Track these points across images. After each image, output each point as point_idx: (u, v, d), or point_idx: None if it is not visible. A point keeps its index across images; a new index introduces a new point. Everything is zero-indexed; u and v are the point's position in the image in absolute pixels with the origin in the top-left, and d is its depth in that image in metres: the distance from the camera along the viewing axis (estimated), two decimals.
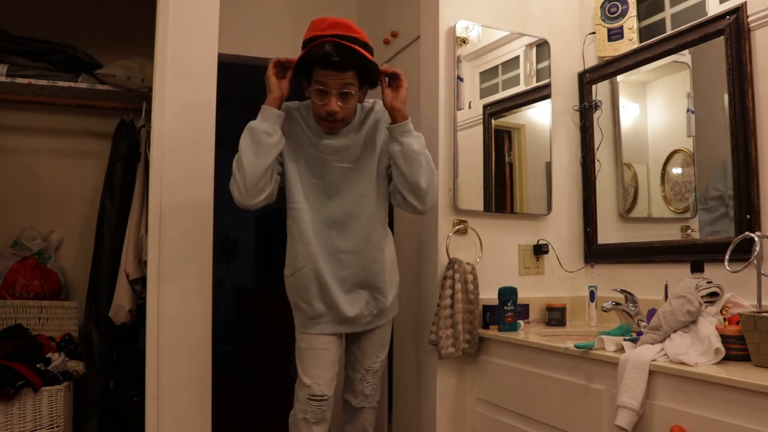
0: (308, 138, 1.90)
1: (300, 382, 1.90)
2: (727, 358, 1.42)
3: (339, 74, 1.73)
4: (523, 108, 2.41)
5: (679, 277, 1.73)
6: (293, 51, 1.86)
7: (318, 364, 1.88)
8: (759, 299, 1.56)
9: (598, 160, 2.40)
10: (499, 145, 2.34)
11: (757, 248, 1.59)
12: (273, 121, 1.78)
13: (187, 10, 2.13)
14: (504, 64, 2.38)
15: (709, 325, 1.48)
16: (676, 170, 2.12)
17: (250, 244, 6.98)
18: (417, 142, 1.83)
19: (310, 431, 1.85)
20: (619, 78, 2.33)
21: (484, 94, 2.32)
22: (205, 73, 2.15)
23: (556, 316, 2.22)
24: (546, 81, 2.42)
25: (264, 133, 1.76)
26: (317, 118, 1.84)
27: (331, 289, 1.88)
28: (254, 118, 1.83)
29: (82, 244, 3.01)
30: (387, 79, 1.85)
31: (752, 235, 1.63)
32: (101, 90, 2.80)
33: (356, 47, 1.72)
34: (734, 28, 1.85)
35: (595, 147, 2.40)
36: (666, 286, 1.91)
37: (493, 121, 2.33)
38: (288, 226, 1.93)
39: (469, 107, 2.27)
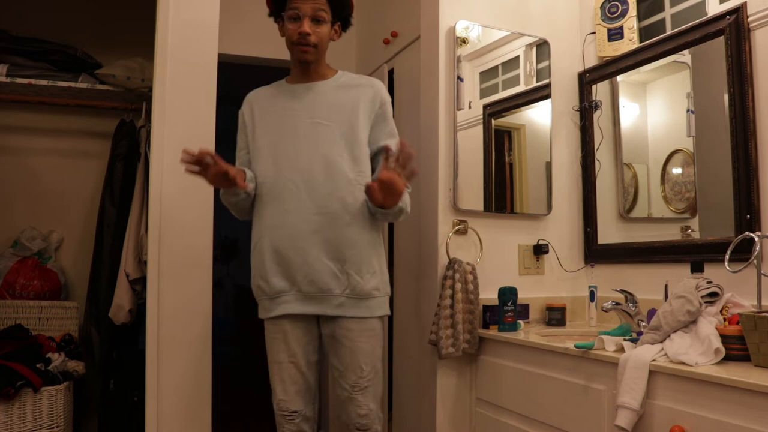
0: (280, 102, 1.87)
1: (272, 394, 1.84)
2: (727, 358, 1.43)
3: None
4: (523, 108, 2.41)
5: (679, 277, 1.73)
6: None
7: (283, 379, 1.80)
8: (759, 299, 1.56)
9: (598, 160, 2.40)
10: (499, 145, 2.34)
11: (757, 248, 1.59)
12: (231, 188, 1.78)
13: (187, 10, 2.13)
14: (504, 64, 2.38)
15: (709, 325, 1.48)
16: (676, 170, 2.12)
17: (250, 244, 6.97)
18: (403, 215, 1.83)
19: None
20: (619, 78, 2.33)
21: (484, 94, 2.32)
22: (205, 73, 2.15)
23: (556, 316, 2.22)
24: (546, 81, 2.42)
25: (231, 196, 1.82)
26: (291, 46, 1.83)
27: (291, 260, 1.77)
28: None
29: (82, 244, 3.01)
30: (396, 159, 1.66)
31: (752, 235, 1.63)
32: (101, 90, 2.80)
33: None
34: (734, 28, 1.85)
35: (595, 147, 2.40)
36: (666, 286, 1.91)
37: (493, 121, 2.33)
38: (254, 208, 1.89)
39: (469, 107, 2.27)
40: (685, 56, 2.06)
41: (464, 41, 2.26)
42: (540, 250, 2.35)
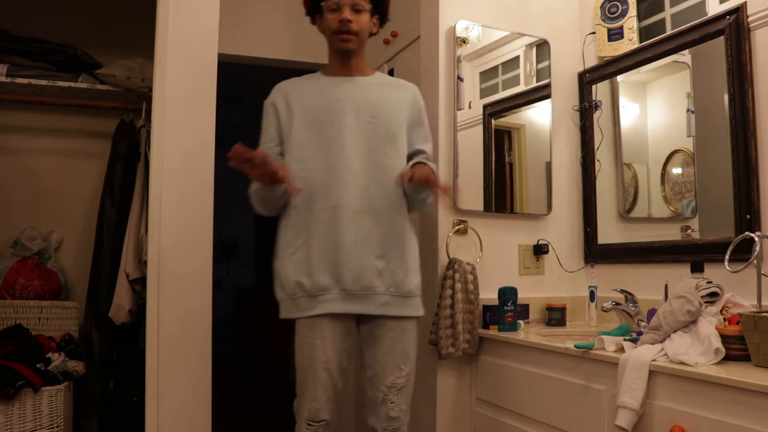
0: (322, 94, 1.84)
1: (299, 399, 1.77)
2: (727, 358, 1.43)
3: None
4: (523, 108, 2.41)
5: (679, 277, 1.73)
6: (293, 51, 1.87)
7: (316, 386, 1.73)
8: (759, 299, 1.56)
9: (598, 160, 2.40)
10: (499, 145, 2.34)
11: (757, 248, 1.59)
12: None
13: (187, 10, 2.13)
14: (504, 64, 2.38)
15: (709, 325, 1.48)
16: (676, 170, 2.12)
17: (250, 244, 6.99)
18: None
19: None
20: (619, 78, 2.33)
21: (484, 94, 2.32)
22: (205, 73, 2.15)
23: (556, 316, 2.22)
24: (546, 81, 2.42)
25: (268, 191, 1.74)
26: (332, 35, 1.83)
27: (338, 257, 1.72)
28: (255, 117, 1.82)
29: (82, 244, 3.01)
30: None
31: (752, 235, 1.63)
32: (101, 90, 2.80)
33: None
34: (734, 28, 1.85)
35: (595, 147, 2.40)
36: (666, 286, 1.91)
37: (493, 121, 2.33)
38: (286, 210, 1.81)
39: (469, 107, 2.27)
40: (685, 56, 2.06)
41: (464, 41, 2.26)
42: (540, 250, 2.35)
